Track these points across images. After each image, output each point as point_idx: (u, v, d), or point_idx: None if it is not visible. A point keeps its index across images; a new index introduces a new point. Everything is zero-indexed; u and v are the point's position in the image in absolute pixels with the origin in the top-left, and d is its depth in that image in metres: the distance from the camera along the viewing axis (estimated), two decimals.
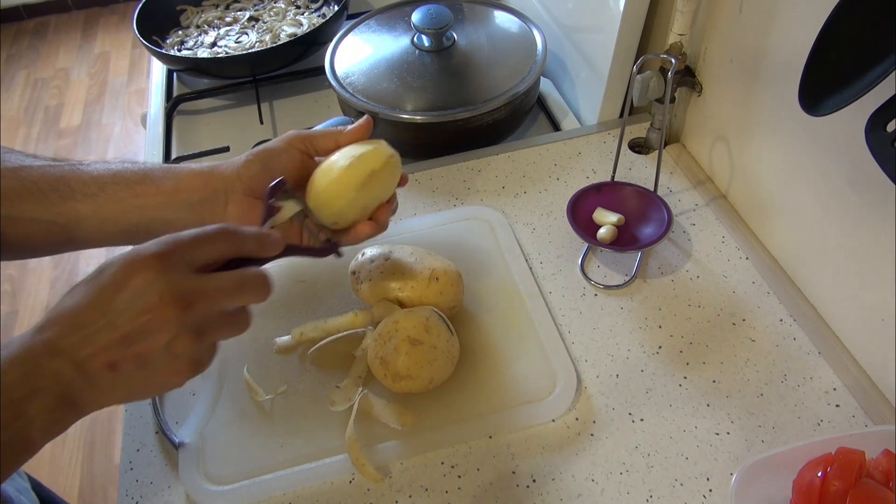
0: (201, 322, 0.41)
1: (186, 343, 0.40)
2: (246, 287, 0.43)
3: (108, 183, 0.53)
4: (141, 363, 0.39)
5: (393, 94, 0.84)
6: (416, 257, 0.64)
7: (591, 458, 0.57)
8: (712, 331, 0.65)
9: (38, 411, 0.38)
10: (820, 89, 0.48)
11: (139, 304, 0.39)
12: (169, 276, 0.40)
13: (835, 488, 0.46)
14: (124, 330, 0.39)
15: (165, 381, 0.41)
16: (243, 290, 0.43)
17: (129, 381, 0.40)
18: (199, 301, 0.40)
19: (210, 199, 0.54)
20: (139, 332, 0.39)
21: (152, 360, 0.40)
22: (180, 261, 0.41)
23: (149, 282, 0.39)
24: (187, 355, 0.41)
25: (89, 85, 2.77)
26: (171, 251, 0.41)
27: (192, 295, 0.40)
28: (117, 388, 0.40)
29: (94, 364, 0.39)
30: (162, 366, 0.40)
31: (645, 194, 0.73)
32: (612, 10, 0.79)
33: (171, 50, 1.06)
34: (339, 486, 0.56)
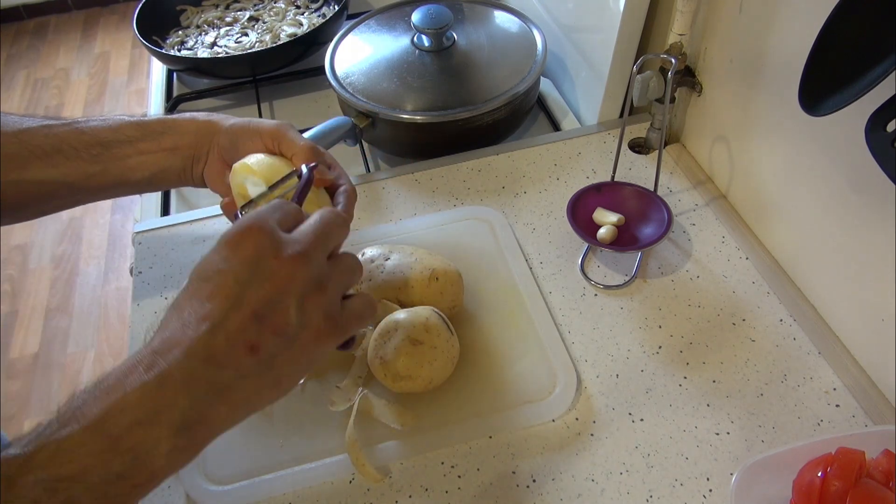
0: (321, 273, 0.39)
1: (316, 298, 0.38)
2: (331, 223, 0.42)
3: (111, 141, 0.55)
4: (280, 334, 0.37)
5: (393, 94, 0.84)
6: (416, 257, 0.64)
7: (591, 458, 0.57)
8: (712, 331, 0.65)
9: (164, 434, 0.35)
10: (820, 89, 0.48)
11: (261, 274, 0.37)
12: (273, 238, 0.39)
13: (835, 488, 0.46)
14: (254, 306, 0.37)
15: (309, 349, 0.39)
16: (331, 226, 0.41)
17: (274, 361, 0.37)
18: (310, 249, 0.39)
19: (196, 156, 0.60)
20: (269, 302, 0.37)
21: (290, 328, 0.37)
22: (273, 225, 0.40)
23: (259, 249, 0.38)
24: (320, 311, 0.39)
25: (89, 85, 2.78)
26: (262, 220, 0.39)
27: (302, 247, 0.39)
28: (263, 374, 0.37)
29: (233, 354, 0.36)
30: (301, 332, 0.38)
31: (645, 194, 0.73)
32: (612, 10, 0.79)
33: (171, 50, 1.06)
34: (339, 486, 0.56)
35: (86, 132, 0.55)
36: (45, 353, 1.87)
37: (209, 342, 0.36)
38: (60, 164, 0.53)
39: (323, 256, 0.40)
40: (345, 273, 0.42)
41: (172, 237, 0.77)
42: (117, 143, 0.55)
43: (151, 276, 0.73)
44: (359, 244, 0.63)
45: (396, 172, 0.83)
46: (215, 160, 0.60)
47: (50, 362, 1.85)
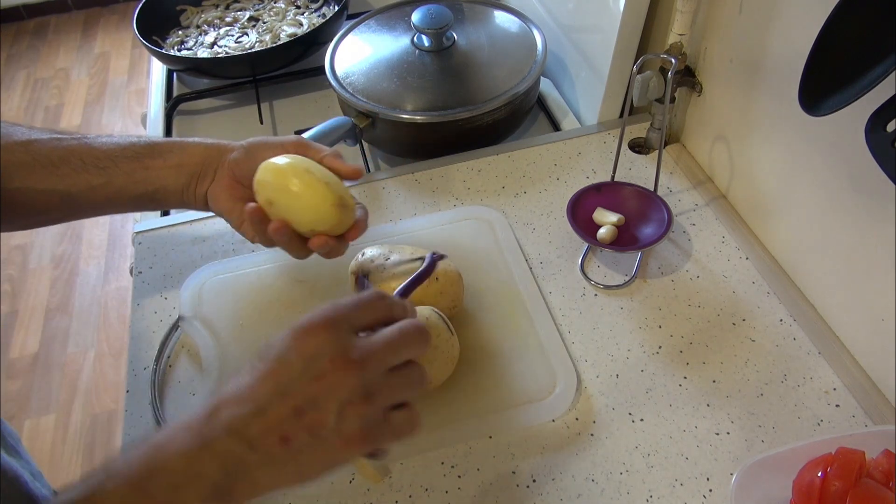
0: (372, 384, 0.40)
1: (358, 408, 0.39)
2: (408, 337, 0.42)
3: (118, 157, 0.56)
4: (313, 434, 0.38)
5: (393, 94, 0.84)
6: (417, 257, 0.64)
7: (591, 458, 0.57)
8: (712, 331, 0.65)
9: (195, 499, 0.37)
10: (820, 89, 0.48)
11: (312, 371, 0.38)
12: (338, 339, 0.39)
13: (835, 488, 0.46)
14: (298, 400, 0.38)
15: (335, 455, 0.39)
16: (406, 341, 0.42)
17: (300, 456, 0.38)
18: (369, 359, 0.40)
19: (202, 173, 0.60)
20: (312, 399, 0.38)
21: (324, 430, 0.38)
22: (345, 325, 0.40)
23: (319, 347, 0.39)
24: (358, 421, 0.39)
25: (89, 85, 2.77)
26: (336, 318, 0.40)
27: (362, 356, 0.39)
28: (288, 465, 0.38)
29: (268, 439, 0.38)
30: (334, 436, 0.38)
31: (645, 194, 0.73)
32: (612, 10, 0.79)
33: (171, 50, 1.06)
34: (339, 486, 0.56)
35: (95, 147, 0.56)
36: (45, 353, 1.87)
37: (248, 423, 0.38)
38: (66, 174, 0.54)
39: (383, 367, 0.40)
40: (402, 387, 0.42)
41: (172, 237, 0.77)
42: (124, 159, 0.56)
43: (151, 276, 0.73)
44: (359, 244, 0.64)
45: (396, 172, 0.83)
46: (224, 176, 0.60)
47: (50, 362, 1.85)
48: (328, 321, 0.40)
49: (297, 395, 0.38)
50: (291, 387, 0.38)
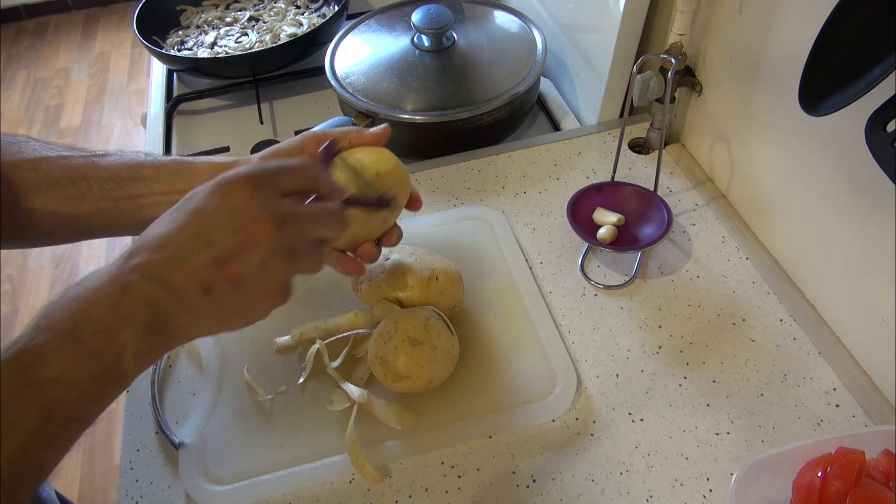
0: (292, 245, 0.41)
1: (280, 264, 0.40)
2: (329, 217, 0.44)
3: (124, 179, 0.54)
4: (235, 285, 0.39)
5: (393, 94, 0.84)
6: (417, 257, 0.64)
7: (591, 458, 0.57)
8: (712, 331, 0.65)
9: (130, 339, 0.38)
10: (820, 89, 0.48)
11: (235, 221, 0.39)
12: (263, 195, 0.40)
13: (835, 488, 0.46)
14: (219, 250, 0.39)
15: (256, 306, 0.41)
16: (327, 219, 0.44)
17: (222, 306, 0.40)
18: (291, 222, 0.41)
19: None
20: (234, 251, 0.39)
21: (246, 282, 0.39)
22: (269, 184, 0.41)
23: (244, 200, 0.39)
24: (280, 278, 0.41)
25: (89, 85, 2.77)
26: (261, 175, 0.41)
27: (285, 215, 0.40)
28: (210, 314, 0.40)
29: (188, 287, 0.38)
30: (255, 289, 0.40)
31: (645, 194, 0.73)
32: (612, 10, 0.79)
33: (171, 50, 1.06)
34: (339, 486, 0.56)
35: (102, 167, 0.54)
36: None
37: (167, 269, 0.38)
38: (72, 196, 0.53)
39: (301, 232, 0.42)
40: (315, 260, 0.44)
41: None
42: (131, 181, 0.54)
43: None
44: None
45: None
46: None
47: None
48: (252, 177, 0.40)
49: (218, 246, 0.39)
50: (213, 236, 0.39)
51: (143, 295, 0.38)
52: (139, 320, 0.38)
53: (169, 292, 0.38)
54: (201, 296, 0.39)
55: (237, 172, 0.41)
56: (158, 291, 0.38)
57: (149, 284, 0.38)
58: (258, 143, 0.93)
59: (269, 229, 0.40)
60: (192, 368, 0.65)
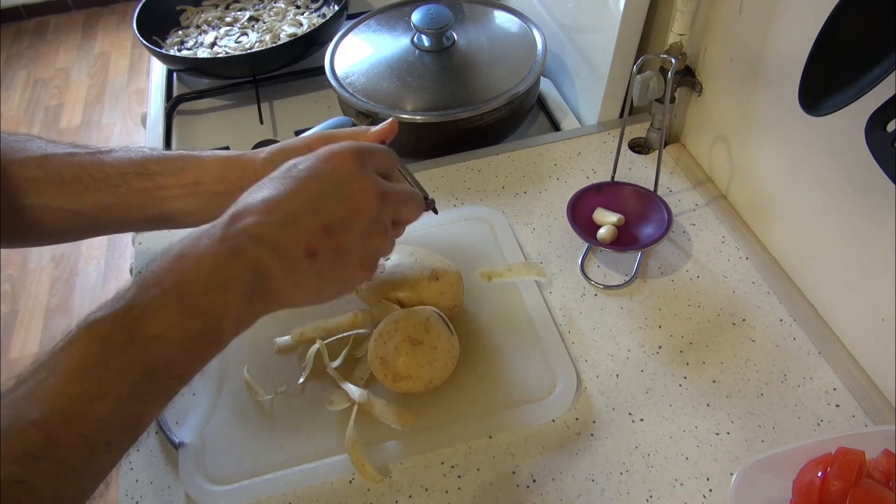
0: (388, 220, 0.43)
1: (378, 236, 0.43)
2: (414, 199, 0.47)
3: (130, 174, 0.54)
4: (338, 252, 0.41)
5: (393, 94, 0.84)
6: (417, 257, 0.64)
7: (591, 458, 0.57)
8: (712, 331, 0.65)
9: (232, 301, 0.39)
10: (820, 89, 0.48)
11: (344, 191, 0.41)
12: (368, 170, 0.42)
13: (835, 488, 0.46)
14: (328, 217, 0.40)
15: (351, 275, 0.43)
16: (412, 201, 0.46)
17: (322, 273, 0.41)
18: (390, 198, 0.43)
19: (228, 193, 0.55)
20: (341, 219, 0.41)
21: (348, 250, 0.41)
22: (370, 161, 0.43)
23: (352, 171, 0.41)
24: (376, 249, 0.43)
25: (89, 85, 2.78)
26: (365, 151, 0.43)
27: (386, 190, 0.43)
28: (310, 280, 0.41)
29: (295, 251, 0.40)
30: (353, 258, 0.42)
31: (645, 194, 0.73)
32: (612, 10, 0.79)
33: (171, 50, 1.06)
34: (339, 486, 0.56)
35: (108, 163, 0.54)
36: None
37: (277, 232, 0.39)
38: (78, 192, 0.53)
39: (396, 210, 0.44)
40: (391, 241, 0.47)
41: (172, 237, 0.77)
42: (136, 176, 0.54)
43: None
44: None
45: None
46: None
47: None
48: (357, 152, 0.42)
49: (327, 213, 0.40)
50: (322, 204, 0.40)
51: (252, 257, 0.39)
52: (244, 283, 0.39)
53: (277, 255, 0.39)
54: (306, 260, 0.40)
55: (343, 145, 0.43)
56: (267, 254, 0.39)
57: (258, 247, 0.39)
58: (258, 143, 0.93)
59: (374, 202, 0.42)
60: None
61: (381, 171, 0.45)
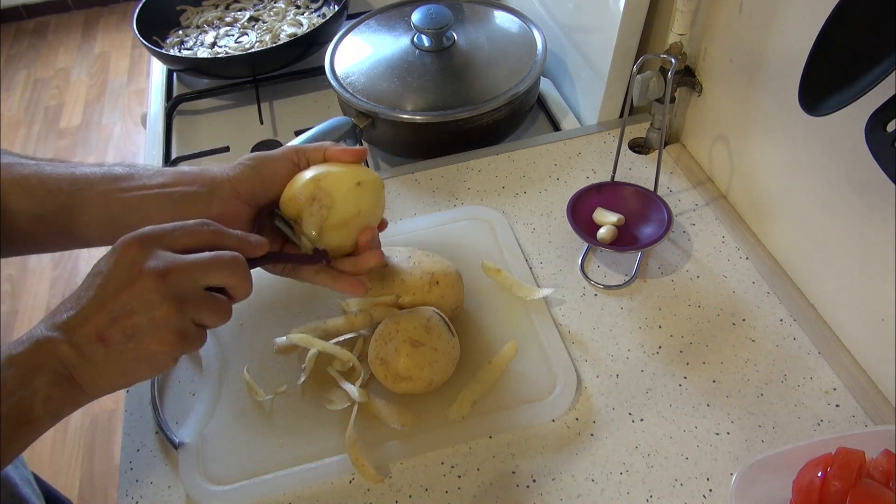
0: (181, 294, 0.44)
1: (168, 312, 0.43)
2: (220, 264, 0.46)
3: (97, 179, 0.54)
4: (128, 335, 0.43)
5: (393, 94, 0.84)
6: (415, 261, 0.63)
7: (591, 458, 0.57)
8: (712, 331, 0.65)
9: (42, 384, 0.42)
10: (820, 89, 0.48)
11: (122, 279, 0.43)
12: (148, 252, 0.44)
13: (835, 488, 0.46)
14: (111, 306, 0.43)
15: (154, 352, 0.44)
16: (217, 266, 0.45)
17: (121, 355, 0.43)
18: (175, 272, 0.44)
19: (194, 195, 0.54)
20: (124, 306, 0.43)
21: (139, 331, 0.43)
22: (161, 243, 0.45)
23: (130, 259, 0.44)
24: (171, 325, 0.44)
25: (89, 85, 2.77)
26: (152, 235, 0.45)
27: (169, 267, 0.44)
28: (110, 363, 0.44)
29: (85, 339, 0.43)
30: (148, 337, 0.43)
31: (645, 194, 0.73)
32: (612, 10, 0.79)
33: (171, 50, 1.06)
34: (339, 486, 0.56)
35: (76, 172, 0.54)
36: None
37: (72, 325, 0.43)
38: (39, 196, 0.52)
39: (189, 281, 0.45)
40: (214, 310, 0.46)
41: None
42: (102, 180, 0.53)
43: None
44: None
45: (396, 172, 0.83)
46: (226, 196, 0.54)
47: None
48: (143, 237, 0.45)
49: (111, 302, 0.43)
50: (106, 295, 0.43)
51: (53, 349, 0.43)
52: (51, 369, 0.42)
53: (73, 347, 0.43)
54: (100, 346, 0.43)
55: (130, 235, 0.45)
56: (66, 346, 0.43)
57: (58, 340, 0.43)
58: (258, 142, 0.93)
59: (151, 281, 0.43)
60: (192, 368, 0.65)
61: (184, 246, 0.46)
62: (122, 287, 0.43)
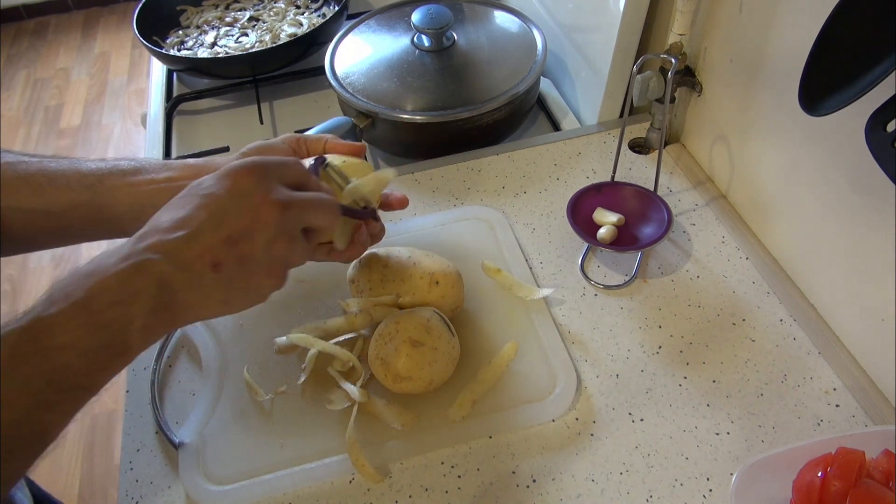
0: (293, 228, 0.44)
1: (284, 244, 0.43)
2: (324, 206, 0.47)
3: (104, 174, 0.55)
4: (243, 262, 0.42)
5: (393, 94, 0.84)
6: (415, 261, 0.63)
7: (591, 458, 0.57)
8: (712, 331, 0.65)
9: (139, 313, 0.40)
10: (820, 89, 0.48)
11: (244, 204, 0.42)
12: (268, 182, 0.44)
13: (835, 488, 0.46)
14: (229, 229, 0.42)
15: (259, 285, 0.44)
16: (322, 207, 0.46)
17: (229, 283, 0.42)
18: (294, 206, 0.44)
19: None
20: (243, 231, 0.42)
21: (253, 260, 0.42)
22: (272, 174, 0.44)
23: (252, 185, 0.43)
24: (283, 258, 0.44)
25: (89, 85, 2.77)
26: (266, 165, 0.44)
27: (288, 200, 0.44)
28: (217, 291, 0.42)
29: (199, 264, 0.41)
30: (260, 267, 0.43)
31: (645, 194, 0.73)
32: (612, 10, 0.79)
33: (171, 50, 1.06)
34: (339, 486, 0.56)
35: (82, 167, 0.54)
36: None
37: (180, 247, 0.41)
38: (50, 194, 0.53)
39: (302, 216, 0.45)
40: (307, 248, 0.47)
41: None
42: (110, 175, 0.55)
43: None
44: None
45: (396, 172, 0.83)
46: None
47: None
48: (257, 166, 0.44)
49: (229, 226, 0.42)
50: (224, 217, 0.42)
51: (157, 272, 0.40)
52: (149, 296, 0.40)
53: (181, 269, 0.41)
54: (211, 272, 0.41)
55: (244, 161, 0.44)
56: (171, 269, 0.41)
57: (162, 263, 0.40)
58: None
59: (275, 211, 0.43)
60: (192, 368, 0.65)
61: (290, 182, 0.46)
62: (241, 212, 0.42)
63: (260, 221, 0.42)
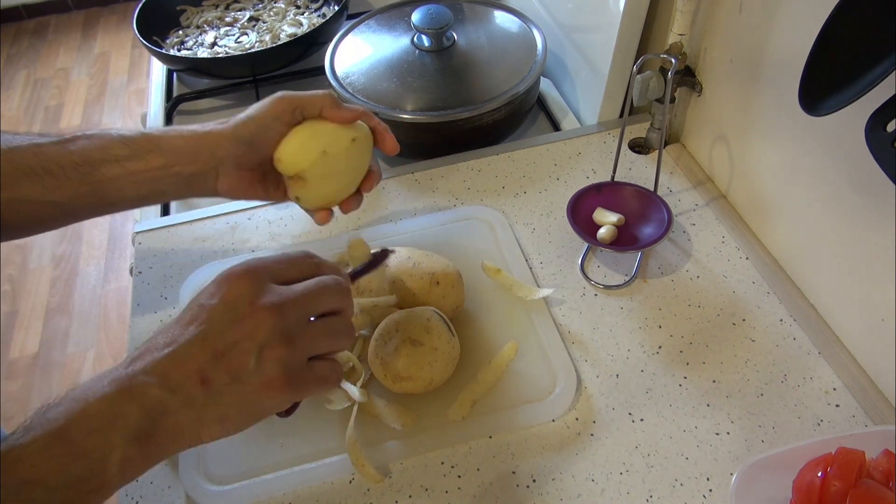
0: (292, 329, 0.41)
1: (277, 350, 0.40)
2: (328, 290, 0.43)
3: (98, 161, 0.54)
4: (234, 376, 0.39)
5: (393, 94, 0.84)
6: (415, 261, 0.63)
7: (591, 458, 0.57)
8: (712, 331, 0.65)
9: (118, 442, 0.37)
10: (820, 89, 0.48)
11: (231, 315, 0.40)
12: (256, 285, 0.41)
13: (835, 488, 0.46)
14: (217, 343, 0.39)
15: (257, 397, 0.40)
16: (326, 292, 0.43)
17: (222, 399, 0.39)
18: (286, 306, 0.41)
19: (201, 174, 0.56)
20: (232, 343, 0.39)
21: (245, 373, 0.39)
22: (265, 275, 0.42)
23: (238, 293, 0.40)
24: (279, 364, 0.40)
25: (89, 85, 2.77)
26: (257, 267, 0.42)
27: (281, 300, 0.41)
28: (211, 408, 0.39)
29: (187, 381, 0.39)
30: (254, 378, 0.39)
31: (645, 194, 0.73)
32: (612, 10, 0.79)
33: (171, 50, 1.05)
34: (339, 486, 0.56)
35: (74, 152, 0.53)
36: (45, 353, 1.87)
37: (166, 365, 0.39)
38: (50, 184, 0.52)
39: (301, 313, 0.42)
40: (323, 335, 0.43)
41: (172, 237, 0.77)
42: (105, 163, 0.54)
43: (151, 276, 0.73)
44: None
45: (396, 172, 0.83)
46: (230, 171, 0.57)
47: (50, 362, 1.85)
48: (248, 270, 0.42)
49: (217, 339, 0.39)
50: (211, 331, 0.39)
51: (144, 395, 0.38)
52: (132, 421, 0.37)
53: (171, 391, 0.38)
54: (201, 388, 0.39)
55: (235, 268, 0.42)
56: (161, 391, 0.38)
57: (151, 385, 0.38)
58: None
59: (264, 316, 0.40)
60: None
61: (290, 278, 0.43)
62: (231, 323, 0.39)
63: (249, 330, 0.39)
